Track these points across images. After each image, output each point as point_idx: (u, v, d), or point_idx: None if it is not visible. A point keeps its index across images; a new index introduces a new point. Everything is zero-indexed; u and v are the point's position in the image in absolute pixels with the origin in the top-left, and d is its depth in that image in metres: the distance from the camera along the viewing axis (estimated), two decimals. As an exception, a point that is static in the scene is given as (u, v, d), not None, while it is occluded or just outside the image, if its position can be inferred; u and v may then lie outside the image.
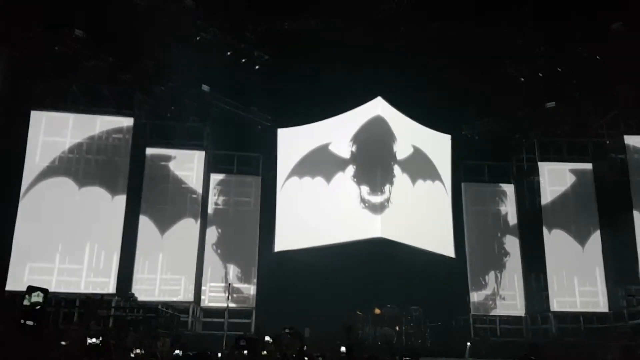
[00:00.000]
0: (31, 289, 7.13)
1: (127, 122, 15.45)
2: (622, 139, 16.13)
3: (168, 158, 16.50)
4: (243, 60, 15.58)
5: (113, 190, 14.92)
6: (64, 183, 14.78)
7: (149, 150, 16.35)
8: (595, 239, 16.39)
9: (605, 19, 14.01)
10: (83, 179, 14.92)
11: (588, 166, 17.09)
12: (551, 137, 17.32)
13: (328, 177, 16.90)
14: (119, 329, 11.92)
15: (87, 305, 12.76)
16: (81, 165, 15.05)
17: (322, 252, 16.01)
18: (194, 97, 16.44)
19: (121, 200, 14.90)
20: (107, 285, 14.29)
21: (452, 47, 14.65)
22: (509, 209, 18.16)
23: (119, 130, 15.40)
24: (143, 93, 15.72)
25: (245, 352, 7.91)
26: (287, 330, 9.21)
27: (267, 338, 9.56)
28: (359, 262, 15.42)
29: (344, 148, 16.91)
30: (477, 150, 17.99)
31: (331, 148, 17.07)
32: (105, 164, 15.15)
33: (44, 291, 7.10)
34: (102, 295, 13.70)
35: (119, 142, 15.36)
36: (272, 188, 17.48)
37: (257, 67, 15.74)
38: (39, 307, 6.94)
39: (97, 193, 14.84)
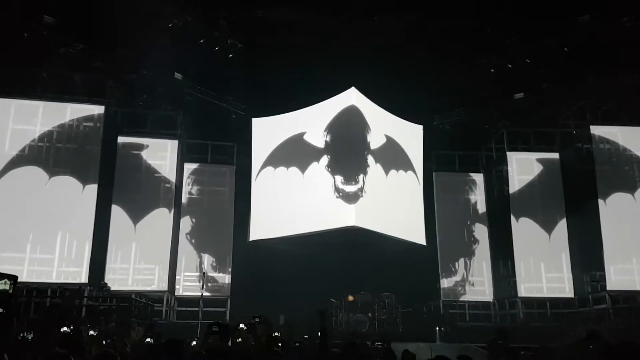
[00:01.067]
0: (-1, 276, 6.97)
1: (99, 110, 15.29)
2: (589, 129, 16.64)
3: (141, 147, 16.38)
4: (216, 48, 15.48)
5: (84, 179, 14.77)
6: (34, 172, 14.59)
7: (121, 139, 16.20)
8: (562, 227, 16.86)
9: (573, 11, 14.36)
10: (54, 167, 14.75)
11: (555, 156, 17.53)
12: (519, 128, 17.73)
13: (302, 167, 16.93)
14: (91, 319, 11.83)
15: (65, 298, 12.62)
16: (51, 153, 14.87)
17: (296, 240, 16.13)
18: (167, 85, 16.26)
19: (93, 189, 14.76)
20: (79, 274, 14.20)
21: (424, 39, 14.81)
22: (479, 197, 18.59)
23: (90, 118, 15.23)
24: (115, 81, 15.53)
25: (219, 338, 7.89)
26: (256, 319, 9.22)
27: (241, 325, 9.60)
28: (333, 251, 15.63)
29: (318, 138, 16.94)
30: (448, 140, 18.32)
31: (306, 138, 17.10)
32: (76, 153, 14.98)
33: (12, 278, 6.96)
34: (80, 285, 13.60)
35: (90, 130, 15.21)
36: (247, 177, 17.48)
37: (230, 55, 15.66)
38: (7, 294, 6.81)
39: (68, 182, 14.69)
